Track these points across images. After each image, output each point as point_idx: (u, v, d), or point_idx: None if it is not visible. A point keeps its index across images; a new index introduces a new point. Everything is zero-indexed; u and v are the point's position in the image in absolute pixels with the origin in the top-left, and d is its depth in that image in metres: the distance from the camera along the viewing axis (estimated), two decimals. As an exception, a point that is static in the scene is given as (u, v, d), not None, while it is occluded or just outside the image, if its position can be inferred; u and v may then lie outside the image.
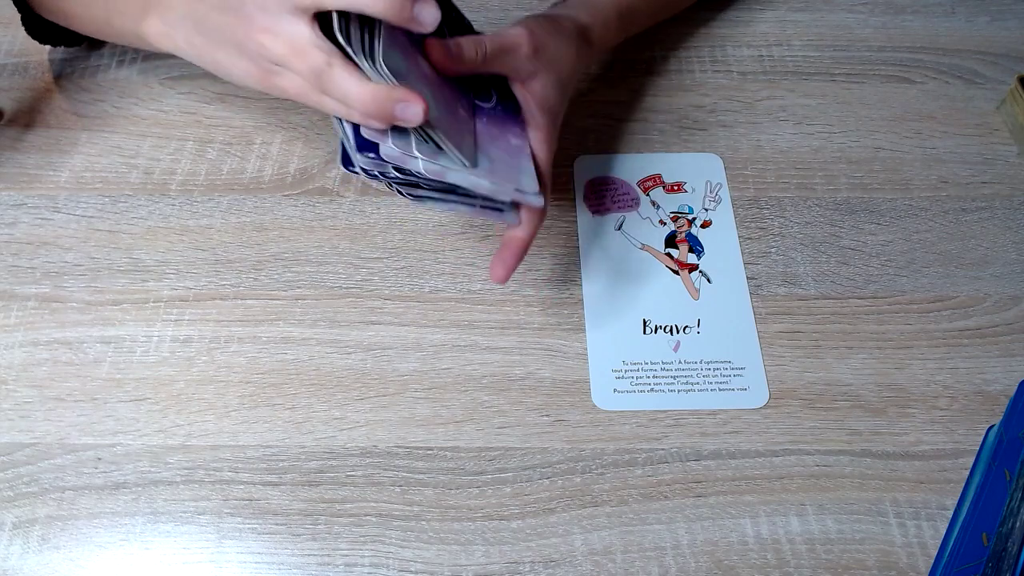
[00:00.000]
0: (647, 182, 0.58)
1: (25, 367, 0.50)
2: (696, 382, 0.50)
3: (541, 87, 0.47)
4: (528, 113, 0.47)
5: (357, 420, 0.48)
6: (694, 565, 0.44)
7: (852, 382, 0.50)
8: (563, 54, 0.49)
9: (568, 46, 0.50)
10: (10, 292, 0.52)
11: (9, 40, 0.63)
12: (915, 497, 0.47)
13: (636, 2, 0.57)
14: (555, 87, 0.48)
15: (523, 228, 0.46)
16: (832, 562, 0.45)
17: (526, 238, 0.46)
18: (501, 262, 0.46)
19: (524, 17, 0.50)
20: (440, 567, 0.44)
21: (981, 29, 0.66)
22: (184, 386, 0.49)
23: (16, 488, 0.46)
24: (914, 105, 0.62)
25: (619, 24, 0.56)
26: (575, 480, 0.47)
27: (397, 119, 0.38)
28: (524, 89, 0.47)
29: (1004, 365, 0.51)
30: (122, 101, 0.61)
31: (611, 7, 0.55)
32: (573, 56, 0.50)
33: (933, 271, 0.54)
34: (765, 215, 0.57)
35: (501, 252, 0.47)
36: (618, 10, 0.56)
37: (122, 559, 0.44)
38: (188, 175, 0.57)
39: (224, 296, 0.52)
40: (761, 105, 0.62)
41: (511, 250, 0.46)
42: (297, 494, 0.46)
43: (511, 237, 0.46)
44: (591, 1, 0.54)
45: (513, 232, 0.46)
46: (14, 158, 0.58)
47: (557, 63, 0.48)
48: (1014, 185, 0.58)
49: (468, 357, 0.51)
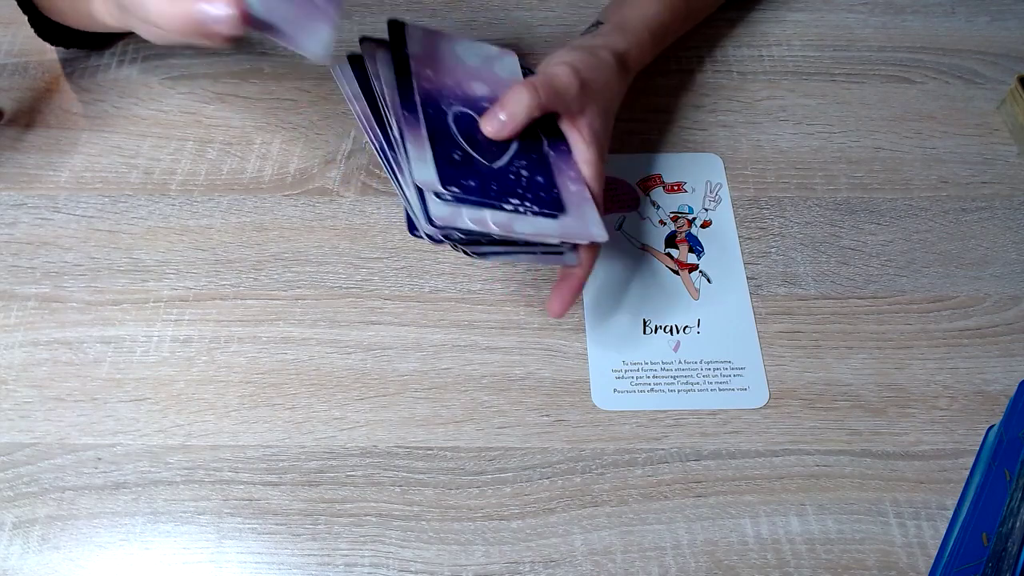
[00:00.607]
0: (647, 182, 0.58)
1: (25, 367, 0.50)
2: (696, 382, 0.50)
3: (589, 122, 0.47)
4: (576, 148, 0.47)
5: (357, 420, 0.48)
6: (694, 565, 0.45)
7: (852, 382, 0.50)
8: (606, 86, 0.50)
9: (610, 76, 0.51)
10: (10, 292, 0.52)
11: (9, 40, 0.63)
12: (915, 497, 0.47)
13: (667, 19, 0.57)
14: (602, 119, 0.49)
15: (582, 266, 0.47)
16: (832, 562, 0.45)
17: (584, 275, 0.47)
18: (560, 298, 0.47)
19: (560, 51, 0.50)
20: (440, 567, 0.44)
21: (981, 29, 0.66)
22: (184, 386, 0.49)
23: (16, 488, 0.46)
24: (914, 105, 0.62)
25: (652, 43, 0.56)
26: (575, 480, 0.47)
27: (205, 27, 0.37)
28: (573, 126, 0.47)
29: (1004, 365, 0.51)
30: (122, 101, 0.61)
31: (644, 28, 0.55)
32: (615, 85, 0.51)
33: (933, 271, 0.54)
34: (765, 215, 0.57)
35: (560, 288, 0.47)
36: (650, 30, 0.56)
37: (122, 559, 0.44)
38: (188, 175, 0.57)
39: (224, 296, 0.52)
40: (761, 105, 0.62)
41: (570, 286, 0.47)
42: (297, 494, 0.46)
43: (570, 273, 0.47)
44: (625, 26, 0.54)
45: (572, 268, 0.47)
46: (14, 158, 0.58)
47: (602, 95, 0.49)
48: (1014, 185, 0.58)
49: (468, 357, 0.51)
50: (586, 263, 0.46)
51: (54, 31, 0.58)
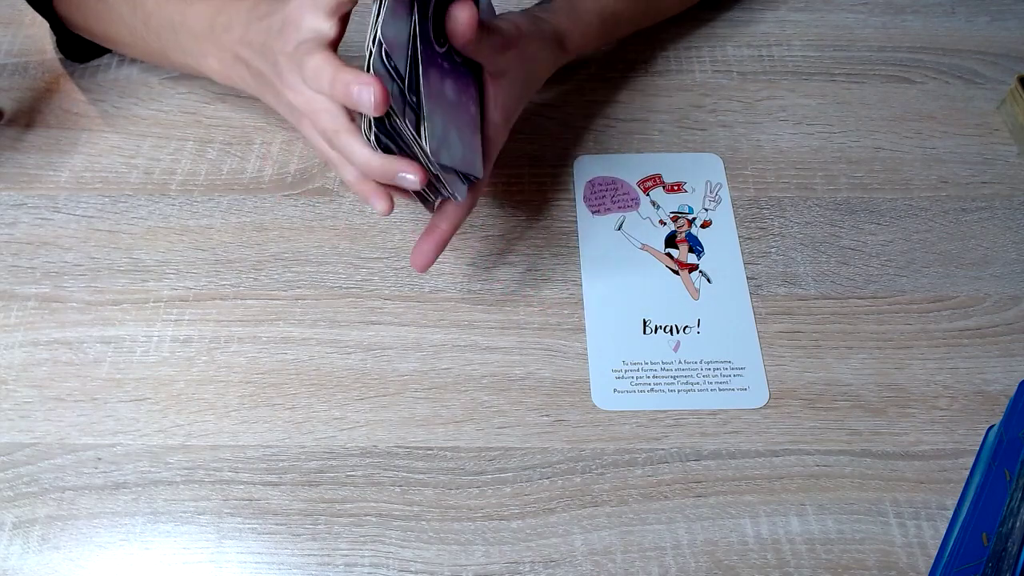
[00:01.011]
0: (647, 182, 0.58)
1: (25, 367, 0.50)
2: (696, 382, 0.50)
3: (508, 85, 0.47)
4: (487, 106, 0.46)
5: (357, 420, 0.48)
6: (694, 565, 0.44)
7: (852, 382, 0.50)
8: (537, 57, 0.50)
9: (544, 50, 0.50)
10: (10, 292, 0.52)
11: (9, 40, 0.63)
12: (915, 497, 0.47)
13: (620, 8, 0.57)
14: (520, 88, 0.48)
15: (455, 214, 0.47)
16: (832, 562, 0.45)
17: (452, 228, 0.47)
18: (423, 252, 0.47)
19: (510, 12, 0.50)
20: (440, 567, 0.44)
21: (981, 29, 0.66)
22: (184, 386, 0.49)
23: (16, 488, 0.46)
24: (914, 105, 0.62)
25: (600, 31, 0.56)
26: (575, 480, 0.47)
27: (397, 183, 0.41)
28: (492, 83, 0.46)
29: (1004, 365, 0.51)
30: (122, 101, 0.61)
31: (594, 14, 0.55)
32: (546, 61, 0.51)
33: (933, 271, 0.54)
34: (765, 215, 0.57)
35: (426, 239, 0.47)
36: (600, 17, 0.56)
37: (122, 559, 0.44)
38: (188, 175, 0.57)
39: (224, 296, 0.52)
40: (761, 105, 0.62)
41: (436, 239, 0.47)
42: (297, 494, 0.46)
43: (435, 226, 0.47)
44: (575, 6, 0.54)
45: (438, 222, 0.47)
46: (14, 158, 0.58)
47: (529, 65, 0.49)
48: (1014, 185, 0.58)
49: (468, 357, 0.51)
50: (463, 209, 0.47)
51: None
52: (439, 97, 0.42)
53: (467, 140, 0.44)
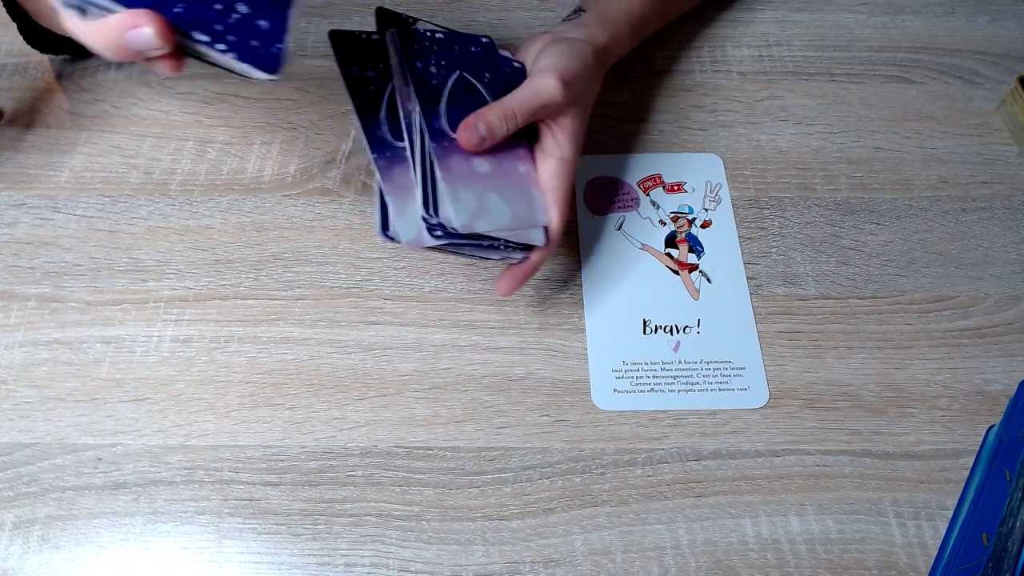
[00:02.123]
0: (647, 182, 0.58)
1: (25, 367, 0.50)
2: (696, 382, 0.50)
3: (570, 122, 0.48)
4: (556, 144, 0.48)
5: (357, 420, 0.48)
6: (694, 565, 0.45)
7: (852, 382, 0.50)
8: (588, 85, 0.51)
9: (591, 75, 0.51)
10: (10, 292, 0.52)
11: (9, 40, 0.63)
12: (915, 497, 0.47)
13: (647, 10, 0.57)
14: (581, 117, 0.49)
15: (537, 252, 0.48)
16: (832, 562, 0.45)
17: (541, 259, 0.48)
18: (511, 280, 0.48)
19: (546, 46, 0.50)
20: (440, 567, 0.44)
21: (981, 29, 0.66)
22: (184, 386, 0.49)
23: (16, 488, 0.46)
24: (914, 105, 0.62)
25: (631, 36, 0.57)
26: (575, 480, 0.47)
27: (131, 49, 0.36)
28: (555, 125, 0.48)
29: (1004, 365, 0.51)
30: (122, 101, 0.60)
31: (623, 20, 0.55)
32: (593, 85, 0.52)
33: (933, 271, 0.54)
34: (765, 215, 0.57)
35: (515, 269, 0.48)
36: (630, 23, 0.56)
37: (122, 559, 0.44)
38: (188, 175, 0.57)
39: (224, 296, 0.52)
40: (761, 105, 0.62)
41: (524, 270, 0.48)
42: (297, 494, 0.46)
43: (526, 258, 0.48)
44: (605, 17, 0.54)
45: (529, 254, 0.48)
46: (14, 158, 0.58)
47: (584, 96, 0.50)
48: (1014, 185, 0.58)
49: (468, 357, 0.51)
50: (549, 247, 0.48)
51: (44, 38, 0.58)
52: (468, 176, 0.44)
53: (517, 196, 0.46)
